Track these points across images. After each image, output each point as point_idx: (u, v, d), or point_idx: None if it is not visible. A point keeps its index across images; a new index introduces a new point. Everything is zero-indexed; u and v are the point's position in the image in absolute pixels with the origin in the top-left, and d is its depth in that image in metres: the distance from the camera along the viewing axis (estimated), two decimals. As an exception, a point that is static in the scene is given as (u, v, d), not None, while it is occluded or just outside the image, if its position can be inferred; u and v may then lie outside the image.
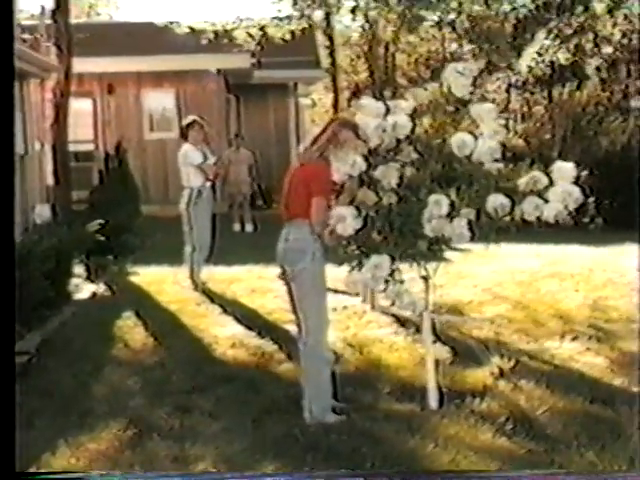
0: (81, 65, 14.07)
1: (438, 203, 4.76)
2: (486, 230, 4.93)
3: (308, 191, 4.87)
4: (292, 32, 20.40)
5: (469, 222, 4.84)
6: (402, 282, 4.96)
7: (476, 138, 4.95)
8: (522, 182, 4.91)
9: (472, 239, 4.89)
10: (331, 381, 5.06)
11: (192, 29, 19.34)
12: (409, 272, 5.06)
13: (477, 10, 21.50)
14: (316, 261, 4.91)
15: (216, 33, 19.55)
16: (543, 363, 6.14)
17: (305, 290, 4.95)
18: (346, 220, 4.79)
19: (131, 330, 7.29)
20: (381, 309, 7.48)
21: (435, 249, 5.00)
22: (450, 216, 4.80)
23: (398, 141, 5.02)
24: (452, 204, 4.79)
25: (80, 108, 16.40)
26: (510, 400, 5.31)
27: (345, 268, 5.05)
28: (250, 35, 20.08)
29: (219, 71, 18.20)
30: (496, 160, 4.98)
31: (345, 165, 4.89)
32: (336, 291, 7.68)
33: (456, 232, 4.82)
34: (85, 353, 6.53)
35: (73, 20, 14.18)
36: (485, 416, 4.98)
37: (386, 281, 4.89)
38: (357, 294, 7.58)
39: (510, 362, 5.94)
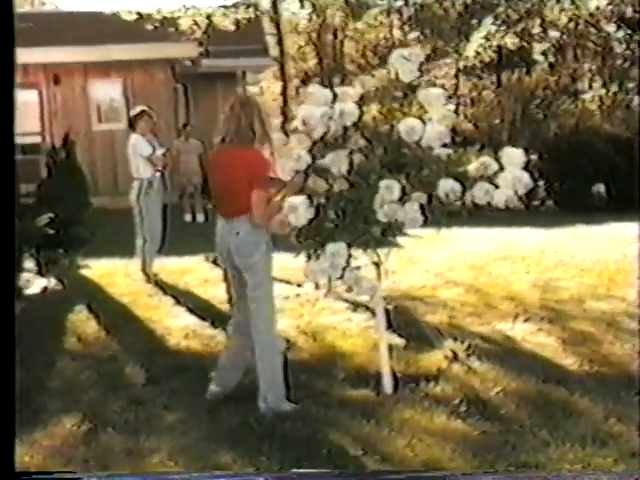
0: (26, 55, 13.87)
1: (389, 188, 4.76)
2: (438, 215, 4.94)
3: (250, 184, 4.82)
4: (238, 21, 20.33)
5: (421, 206, 4.85)
6: (358, 268, 4.96)
7: (424, 123, 4.95)
8: (472, 168, 4.93)
9: (425, 223, 4.90)
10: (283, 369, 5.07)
11: (139, 15, 19.17)
12: (360, 258, 5.07)
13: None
14: (268, 250, 4.92)
15: (162, 21, 19.41)
16: (496, 345, 6.19)
17: (259, 280, 4.95)
18: (298, 210, 4.77)
19: (83, 324, 7.21)
20: (336, 296, 7.49)
21: (389, 235, 5.00)
22: (402, 200, 4.80)
23: (345, 128, 5.01)
24: (403, 189, 4.79)
25: (26, 99, 16.16)
26: (464, 382, 5.35)
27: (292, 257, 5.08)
28: (196, 23, 19.97)
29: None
30: (445, 145, 4.99)
31: (290, 160, 4.89)
32: (288, 282, 7.74)
33: (409, 216, 4.82)
34: (37, 348, 6.44)
35: (17, 9, 13.95)
36: (439, 399, 5.01)
37: (342, 268, 4.89)
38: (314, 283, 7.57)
39: (463, 345, 5.99)
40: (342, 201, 4.90)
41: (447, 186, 4.82)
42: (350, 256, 4.90)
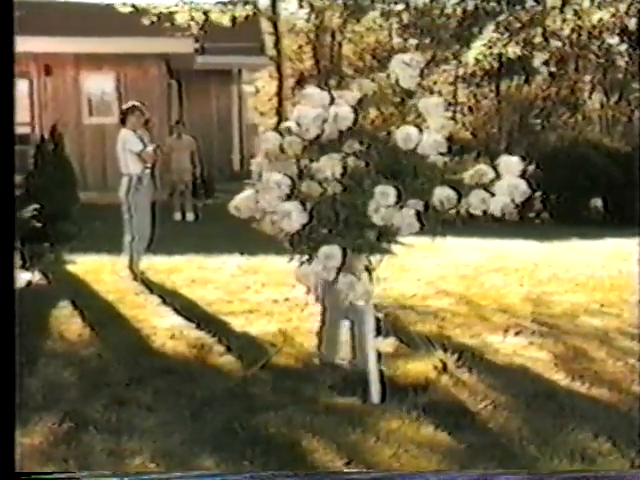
0: (17, 44, 13.69)
1: (385, 194, 4.70)
2: (433, 223, 4.90)
3: None
4: (234, 18, 20.32)
5: (417, 212, 4.80)
6: (353, 273, 4.90)
7: (421, 131, 4.89)
8: (468, 175, 4.88)
9: (420, 231, 4.85)
10: None
11: (135, 9, 19.13)
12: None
13: (424, 1, 21.63)
14: None
15: (158, 16, 19.37)
16: (486, 357, 6.12)
17: None
18: (292, 216, 4.72)
19: (67, 320, 7.12)
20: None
21: (384, 240, 4.96)
22: (398, 205, 4.75)
23: (341, 132, 4.95)
24: (399, 195, 4.74)
25: (16, 89, 16.03)
26: (452, 394, 5.28)
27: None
28: (193, 19, 19.94)
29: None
30: (441, 153, 4.94)
31: (271, 191, 4.83)
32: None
33: (406, 221, 4.78)
34: (19, 344, 6.33)
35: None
36: (427, 410, 4.92)
37: (337, 272, 4.83)
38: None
39: (453, 356, 5.91)
40: (335, 204, 4.84)
41: (442, 194, 4.78)
42: (345, 260, 4.84)
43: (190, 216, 15.65)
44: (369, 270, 5.06)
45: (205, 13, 20.54)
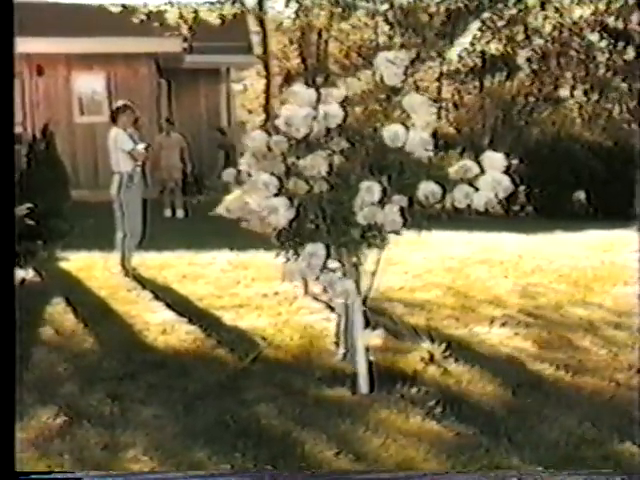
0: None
1: (370, 190, 4.76)
2: (418, 217, 4.96)
3: None
4: (223, 17, 20.30)
5: (401, 208, 4.86)
6: (334, 270, 4.97)
7: (408, 129, 4.94)
8: (453, 170, 4.94)
9: (404, 226, 4.91)
10: None
11: (125, 8, 19.11)
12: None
13: (408, 0, 21.63)
14: None
15: (148, 15, 19.36)
16: (473, 348, 6.20)
17: None
18: (279, 211, 4.77)
19: (61, 316, 7.19)
20: (313, 295, 7.49)
21: (369, 236, 5.01)
22: (382, 202, 4.81)
23: (328, 130, 5.00)
24: (384, 191, 4.80)
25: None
26: (440, 384, 5.35)
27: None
28: (182, 18, 19.93)
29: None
30: (427, 150, 4.99)
31: (258, 191, 4.87)
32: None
33: (388, 218, 4.82)
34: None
35: None
36: (415, 400, 5.01)
37: (320, 270, 4.89)
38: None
39: (440, 347, 5.98)
40: (322, 202, 4.90)
41: (427, 189, 4.82)
42: (328, 257, 4.91)
43: (180, 213, 15.67)
44: (356, 265, 5.13)
45: (194, 12, 20.54)
